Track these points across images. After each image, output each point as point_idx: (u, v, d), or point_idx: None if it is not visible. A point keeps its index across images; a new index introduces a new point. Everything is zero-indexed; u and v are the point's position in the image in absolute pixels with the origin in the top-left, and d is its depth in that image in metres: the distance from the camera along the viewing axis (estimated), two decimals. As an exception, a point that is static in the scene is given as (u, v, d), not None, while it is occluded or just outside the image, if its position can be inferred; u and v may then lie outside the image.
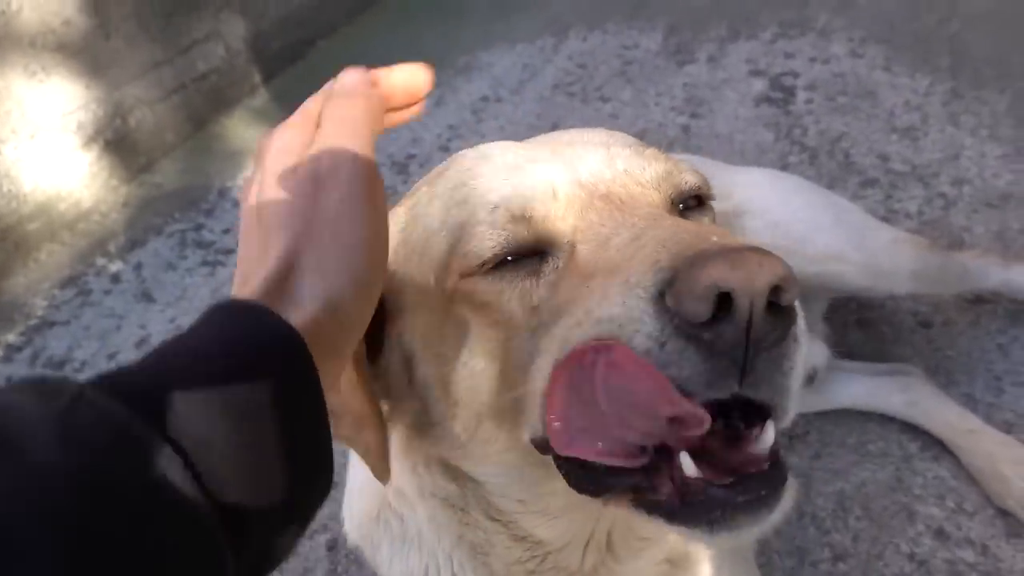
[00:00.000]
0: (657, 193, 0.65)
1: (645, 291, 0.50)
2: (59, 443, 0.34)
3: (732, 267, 0.46)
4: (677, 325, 0.48)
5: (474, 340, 0.63)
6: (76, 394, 0.37)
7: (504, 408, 0.63)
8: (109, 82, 2.45)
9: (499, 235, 0.61)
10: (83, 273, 2.26)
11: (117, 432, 0.36)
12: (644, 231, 0.55)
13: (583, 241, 0.59)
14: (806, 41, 2.61)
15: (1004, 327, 1.59)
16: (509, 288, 0.61)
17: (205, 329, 0.45)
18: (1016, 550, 1.26)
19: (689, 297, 0.47)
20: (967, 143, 2.08)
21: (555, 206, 0.62)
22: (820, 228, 1.38)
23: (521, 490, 0.72)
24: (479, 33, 3.07)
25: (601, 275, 0.55)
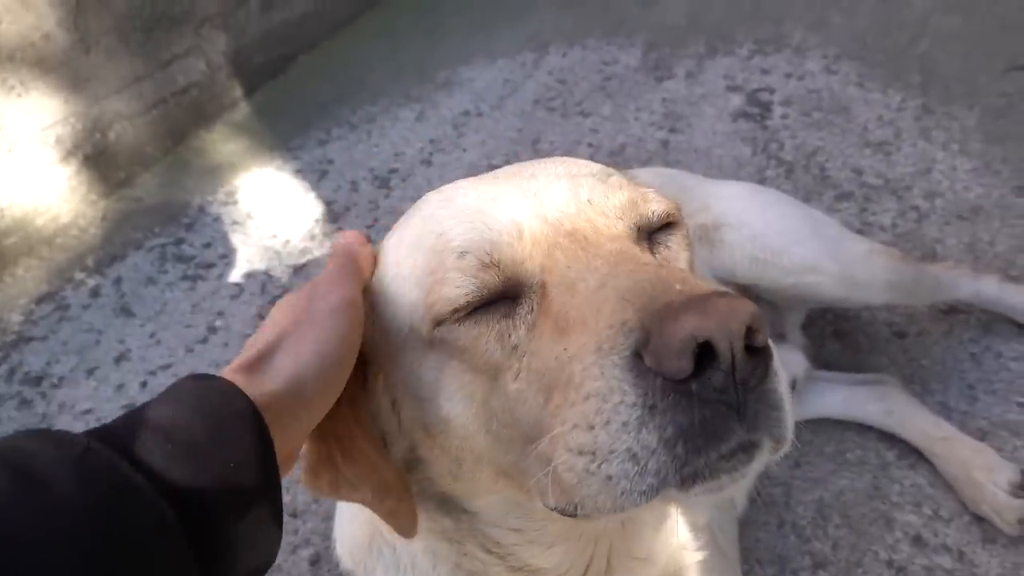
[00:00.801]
0: (622, 223, 0.65)
1: (620, 357, 0.50)
2: (77, 483, 0.43)
3: (704, 316, 0.47)
4: (662, 384, 0.48)
5: (451, 384, 0.64)
6: (86, 445, 0.46)
7: (496, 454, 0.63)
8: (88, 96, 2.44)
9: (470, 283, 0.61)
10: (61, 288, 2.24)
11: (121, 479, 0.45)
12: (607, 279, 0.56)
13: (552, 283, 0.60)
14: (782, 58, 2.66)
15: (977, 337, 1.62)
16: (486, 331, 0.61)
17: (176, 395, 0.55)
18: (991, 555, 1.29)
19: (668, 355, 0.47)
20: (938, 157, 2.13)
21: (522, 247, 0.62)
22: (797, 240, 1.40)
23: (516, 520, 0.72)
24: (460, 48, 3.09)
25: (575, 331, 0.55)
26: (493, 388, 0.61)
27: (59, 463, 0.44)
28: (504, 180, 0.70)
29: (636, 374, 0.49)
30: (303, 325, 0.63)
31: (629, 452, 0.49)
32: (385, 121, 2.76)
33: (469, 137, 2.60)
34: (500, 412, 0.61)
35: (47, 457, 0.44)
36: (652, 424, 0.48)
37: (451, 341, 0.62)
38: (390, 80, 2.96)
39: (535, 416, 0.57)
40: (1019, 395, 1.50)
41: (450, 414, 0.64)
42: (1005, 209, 1.92)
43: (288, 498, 1.58)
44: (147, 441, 0.49)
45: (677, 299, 0.49)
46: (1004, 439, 1.44)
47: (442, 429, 0.65)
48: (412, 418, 0.69)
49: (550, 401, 0.56)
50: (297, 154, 2.66)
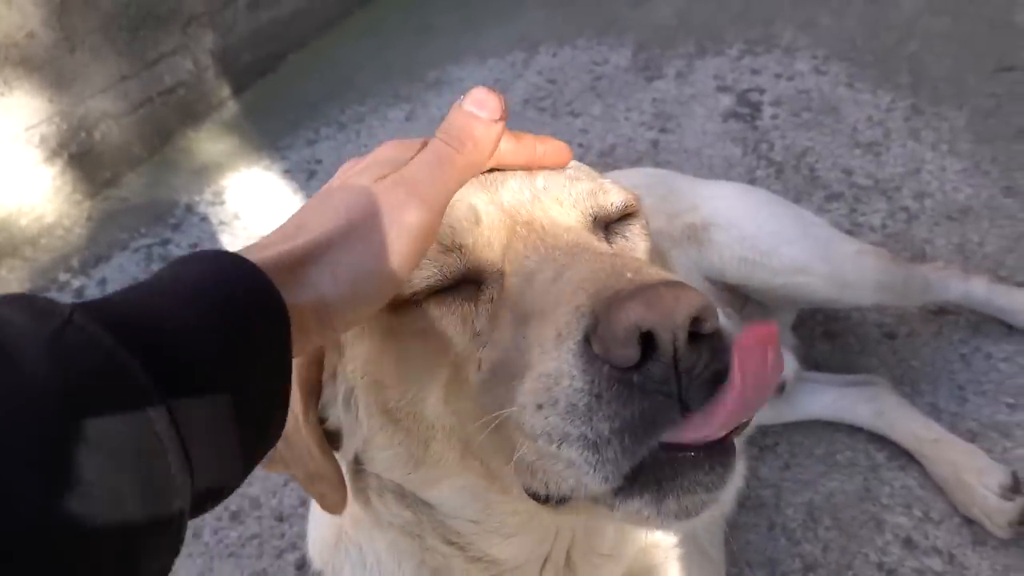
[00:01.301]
0: (576, 211, 0.65)
1: (573, 341, 0.50)
2: (50, 361, 0.36)
3: (648, 306, 0.46)
4: (608, 373, 0.48)
5: (414, 366, 0.63)
6: (67, 317, 0.38)
7: (465, 432, 0.63)
8: (74, 96, 2.42)
9: (431, 265, 0.60)
10: (45, 289, 2.21)
11: (102, 357, 0.38)
12: (564, 269, 0.55)
13: (511, 272, 0.59)
14: (771, 58, 2.66)
15: (966, 338, 1.62)
16: (448, 314, 0.61)
17: (202, 274, 0.46)
18: (981, 558, 1.28)
19: (614, 343, 0.47)
20: (928, 158, 2.13)
21: (480, 232, 0.61)
22: (787, 241, 1.40)
23: (475, 511, 0.71)
24: (449, 47, 3.08)
25: (534, 320, 0.54)
26: (457, 374, 0.61)
27: (33, 335, 0.37)
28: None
29: (586, 359, 0.49)
30: (354, 241, 0.53)
31: (586, 439, 0.49)
32: (374, 121, 2.74)
33: (459, 137, 2.59)
34: (465, 397, 0.60)
35: (22, 327, 0.37)
36: (600, 412, 0.48)
37: (412, 322, 0.62)
38: (379, 79, 2.94)
39: (496, 404, 0.56)
40: (1008, 396, 1.49)
41: (417, 396, 0.63)
42: (994, 210, 1.92)
43: (274, 502, 1.56)
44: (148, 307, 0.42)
45: (626, 287, 0.49)
46: (994, 440, 1.43)
47: (409, 411, 0.64)
48: (372, 404, 0.68)
49: (509, 387, 0.55)
50: (285, 154, 2.64)
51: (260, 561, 1.47)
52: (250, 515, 1.55)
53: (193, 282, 0.45)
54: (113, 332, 0.39)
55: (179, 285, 0.45)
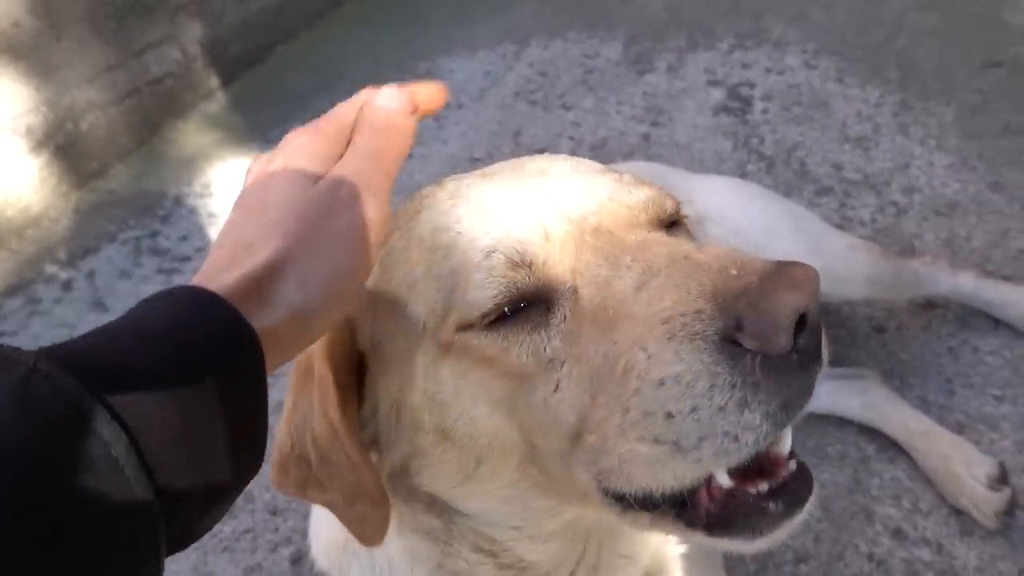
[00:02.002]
0: (644, 215, 0.65)
1: (705, 340, 0.50)
2: (16, 410, 0.37)
3: (796, 289, 0.49)
4: (761, 362, 0.49)
5: (475, 389, 0.62)
6: (32, 366, 0.39)
7: (529, 447, 0.62)
8: (60, 85, 2.39)
9: (499, 283, 0.59)
10: (32, 281, 2.19)
11: (68, 405, 0.38)
12: (648, 274, 0.55)
13: (584, 285, 0.59)
14: (762, 52, 2.67)
15: (955, 331, 1.64)
16: (516, 344, 0.59)
17: (165, 312, 0.46)
18: (969, 548, 1.30)
19: (776, 332, 0.48)
20: (916, 153, 2.15)
21: (551, 248, 0.60)
22: (778, 235, 1.41)
23: (518, 518, 0.71)
24: (440, 39, 3.07)
25: (622, 325, 0.54)
26: (524, 396, 0.60)
27: (1, 388, 0.37)
28: (512, 177, 0.67)
29: (730, 356, 0.50)
30: (314, 244, 0.52)
31: (728, 435, 0.50)
32: (364, 113, 2.73)
33: (449, 129, 2.58)
34: (537, 414, 0.60)
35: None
36: (757, 400, 0.50)
37: (475, 348, 0.60)
38: (369, 71, 2.92)
39: (578, 416, 0.57)
40: (996, 389, 1.52)
41: (476, 416, 0.62)
42: (981, 204, 1.94)
43: (268, 496, 1.56)
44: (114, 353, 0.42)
45: (753, 280, 0.50)
46: (981, 432, 1.45)
47: (467, 431, 0.63)
48: (421, 421, 0.66)
49: (596, 398, 0.56)
50: (275, 145, 2.62)
51: (254, 555, 1.47)
52: (244, 509, 1.54)
53: (158, 322, 0.45)
54: (78, 377, 0.39)
55: (143, 326, 0.45)
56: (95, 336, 0.44)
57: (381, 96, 0.60)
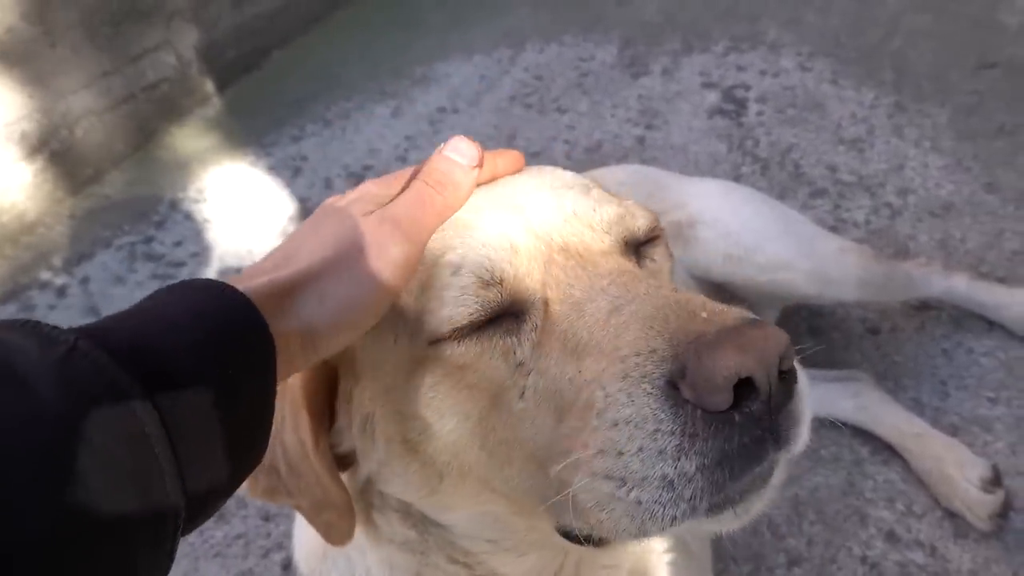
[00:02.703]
0: (609, 237, 0.65)
1: (652, 385, 0.50)
2: (58, 386, 0.39)
3: (743, 351, 0.47)
4: (701, 416, 0.49)
5: (444, 400, 0.62)
6: (72, 344, 0.41)
7: (488, 470, 0.62)
8: (54, 91, 2.39)
9: (472, 302, 0.59)
10: (27, 287, 2.19)
11: (106, 384, 0.41)
12: (620, 302, 0.55)
13: (555, 300, 0.59)
14: (757, 55, 2.67)
15: (948, 333, 1.63)
16: (489, 349, 0.60)
17: (192, 302, 0.49)
18: (963, 550, 1.30)
19: (710, 390, 0.48)
20: (911, 154, 2.14)
21: (519, 263, 0.61)
22: (770, 238, 1.40)
23: (492, 532, 0.71)
24: (436, 44, 3.07)
25: (590, 355, 0.54)
26: (494, 405, 0.60)
27: (43, 365, 0.39)
28: (483, 191, 0.67)
29: (673, 403, 0.49)
30: (340, 272, 0.55)
31: (665, 479, 0.50)
32: (360, 117, 2.73)
33: (445, 133, 2.58)
34: (500, 429, 0.60)
35: (32, 355, 0.40)
36: (692, 451, 0.49)
37: (448, 359, 0.60)
38: (365, 76, 2.93)
39: (545, 437, 0.57)
40: (989, 390, 1.51)
41: (441, 430, 0.62)
42: (976, 206, 1.94)
43: (259, 502, 1.56)
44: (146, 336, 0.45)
45: (709, 330, 0.50)
46: (975, 434, 1.45)
47: (429, 445, 0.63)
48: (391, 432, 0.66)
49: (562, 423, 0.55)
50: (270, 151, 2.63)
51: (246, 561, 1.47)
52: (236, 515, 1.54)
53: (186, 309, 0.48)
54: (113, 356, 0.42)
55: (173, 311, 0.48)
56: (128, 317, 0.47)
57: (451, 147, 0.63)
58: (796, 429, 0.52)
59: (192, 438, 0.44)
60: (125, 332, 0.45)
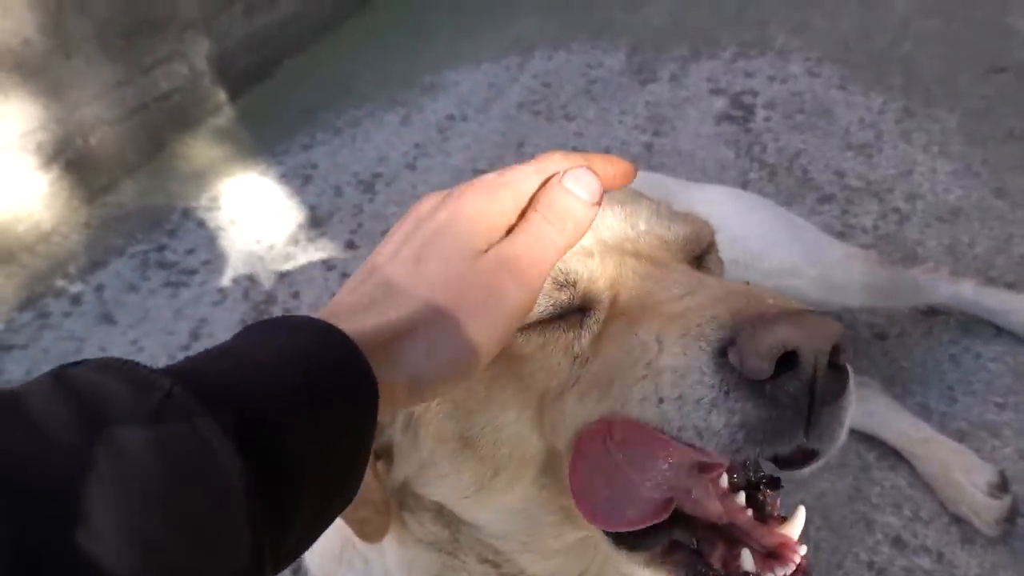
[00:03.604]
0: (681, 253, 0.66)
1: (708, 343, 0.52)
2: (149, 441, 0.37)
3: (796, 327, 0.49)
4: (738, 379, 0.50)
5: (506, 393, 0.62)
6: (167, 392, 0.39)
7: (548, 456, 0.63)
8: (69, 102, 2.42)
9: (544, 302, 0.60)
10: (42, 295, 2.23)
11: (199, 439, 0.38)
12: (694, 288, 0.57)
13: (623, 292, 0.61)
14: (765, 61, 2.67)
15: (956, 338, 1.63)
16: (552, 342, 0.61)
17: (294, 346, 0.46)
18: (970, 556, 1.29)
19: (752, 355, 0.49)
20: (919, 159, 2.14)
21: (592, 266, 0.62)
22: (776, 244, 1.41)
23: (526, 532, 0.71)
24: (445, 52, 3.09)
25: (650, 322, 0.56)
26: (551, 399, 0.61)
27: (135, 414, 0.37)
28: None
29: (717, 363, 0.51)
30: (451, 323, 0.51)
31: (696, 429, 0.51)
32: (370, 125, 2.75)
33: (454, 141, 2.60)
34: (559, 421, 0.61)
35: (125, 403, 0.37)
36: (723, 407, 0.50)
37: (511, 349, 0.61)
38: (375, 84, 2.95)
39: (590, 411, 0.58)
40: (997, 396, 1.51)
41: (503, 422, 0.63)
42: (985, 211, 1.93)
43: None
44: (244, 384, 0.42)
45: (770, 309, 0.51)
46: (983, 440, 1.45)
47: (490, 438, 0.64)
48: (445, 430, 0.66)
49: (609, 390, 0.57)
50: (281, 159, 2.65)
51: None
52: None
53: (285, 351, 0.45)
54: (209, 408, 0.39)
55: (270, 354, 0.45)
56: (223, 358, 0.44)
57: (572, 179, 0.57)
58: (838, 430, 0.53)
59: (282, 500, 0.42)
60: (220, 377, 0.42)
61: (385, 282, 0.53)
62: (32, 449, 0.35)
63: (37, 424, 0.36)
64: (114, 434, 0.36)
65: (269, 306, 2.10)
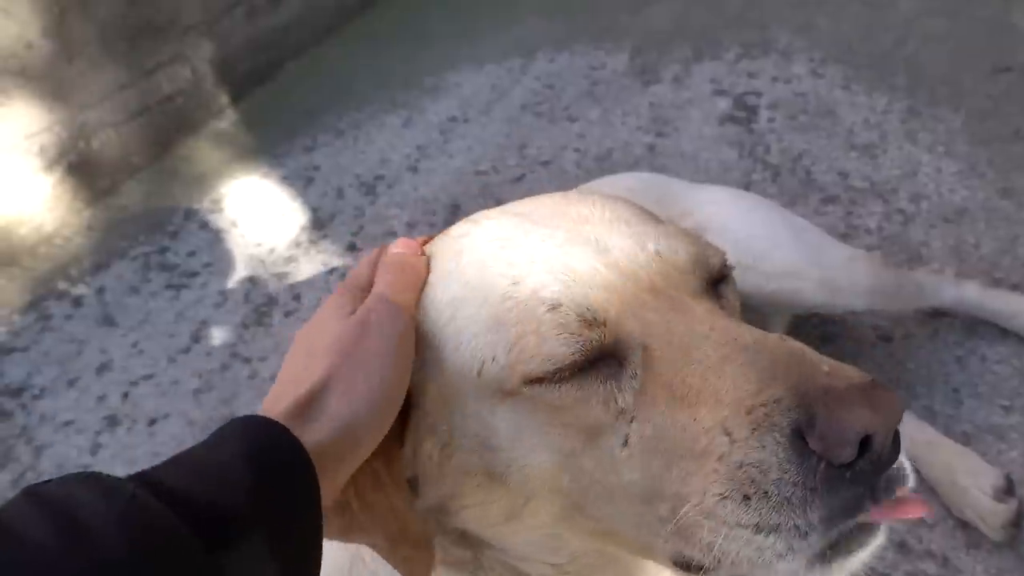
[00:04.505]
0: (694, 277, 0.64)
1: (781, 433, 0.51)
2: (122, 539, 0.42)
3: (875, 412, 0.49)
4: (824, 469, 0.51)
5: (534, 436, 0.61)
6: (131, 495, 0.44)
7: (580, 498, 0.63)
8: (72, 105, 2.43)
9: (574, 342, 0.59)
10: (44, 298, 2.23)
11: (166, 534, 0.44)
12: (730, 352, 0.56)
13: (656, 346, 0.59)
14: (768, 61, 2.66)
15: (962, 340, 1.61)
16: (589, 395, 0.59)
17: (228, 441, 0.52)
18: (975, 561, 1.28)
19: (840, 443, 0.50)
20: (924, 160, 2.12)
21: (617, 301, 0.60)
22: (778, 246, 1.40)
23: (557, 556, 0.70)
24: (447, 54, 3.09)
25: (705, 403, 0.55)
26: (588, 447, 0.60)
27: (106, 517, 0.42)
28: (557, 222, 0.66)
29: (799, 453, 0.51)
30: (354, 362, 0.59)
31: (796, 528, 0.52)
32: (371, 127, 2.75)
33: (456, 143, 2.60)
34: (597, 470, 0.60)
35: (96, 508, 0.43)
36: (816, 503, 0.51)
37: (543, 398, 0.60)
38: (377, 86, 2.95)
39: (653, 482, 0.58)
40: (1003, 398, 1.49)
41: (532, 463, 0.62)
42: (990, 211, 1.92)
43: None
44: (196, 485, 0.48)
45: (839, 385, 0.51)
46: (989, 443, 1.43)
47: (518, 476, 0.63)
48: (469, 463, 0.65)
49: (672, 468, 0.56)
50: (283, 161, 2.65)
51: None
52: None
53: (232, 455, 0.51)
54: (171, 507, 0.45)
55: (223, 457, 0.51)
56: (180, 465, 0.50)
57: (394, 246, 0.71)
58: (896, 487, 0.54)
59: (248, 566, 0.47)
60: (181, 481, 0.48)
61: (291, 376, 0.62)
62: (13, 559, 0.39)
63: (14, 533, 0.41)
64: (89, 531, 0.41)
65: (270, 308, 2.09)
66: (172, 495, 0.46)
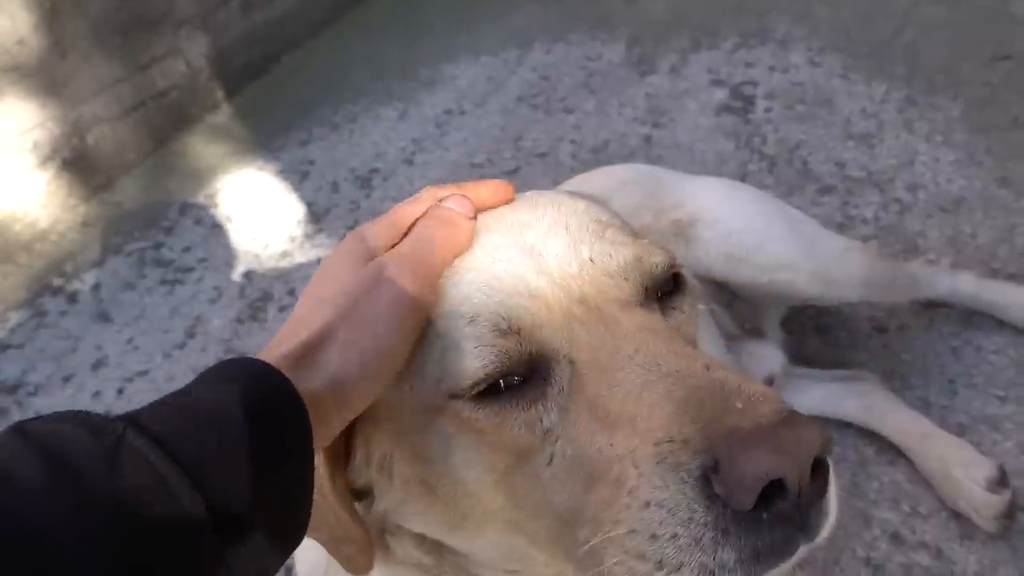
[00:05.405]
0: (628, 283, 0.63)
1: (688, 474, 0.51)
2: (109, 475, 0.42)
3: (778, 455, 0.48)
4: (732, 514, 0.50)
5: (466, 453, 0.61)
6: (120, 434, 0.44)
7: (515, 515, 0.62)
8: (66, 100, 2.42)
9: (488, 352, 0.58)
10: (39, 294, 2.22)
11: (152, 470, 0.43)
12: (653, 379, 0.55)
13: (583, 363, 0.58)
14: (766, 51, 2.64)
15: (957, 331, 1.61)
16: (511, 421, 0.58)
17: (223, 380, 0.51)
18: (969, 552, 1.27)
19: (741, 490, 0.49)
20: (921, 149, 2.11)
21: (536, 309, 0.59)
22: (772, 237, 1.39)
23: (513, 562, 0.70)
24: (443, 46, 3.07)
25: (622, 428, 0.54)
26: (518, 466, 0.59)
27: (93, 455, 0.42)
28: (493, 226, 0.65)
29: (706, 496, 0.50)
30: (354, 321, 0.57)
31: (704, 567, 0.51)
32: (367, 120, 2.74)
33: (451, 136, 2.59)
34: (526, 487, 0.59)
35: (84, 446, 0.43)
36: (729, 545, 0.50)
37: (468, 419, 0.59)
38: (372, 79, 2.94)
39: (574, 503, 0.57)
40: (998, 389, 1.48)
41: (465, 478, 0.62)
42: (988, 200, 1.90)
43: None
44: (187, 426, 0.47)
45: (745, 425, 0.50)
46: (983, 434, 1.42)
47: (451, 490, 0.63)
48: (409, 474, 0.66)
49: (591, 492, 0.55)
50: (279, 155, 2.64)
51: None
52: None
53: (222, 397, 0.50)
54: (159, 446, 0.44)
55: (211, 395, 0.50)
56: (169, 405, 0.49)
57: (449, 200, 0.65)
58: (824, 520, 0.54)
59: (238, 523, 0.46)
60: (166, 421, 0.47)
61: (298, 318, 0.60)
62: (1, 495, 0.39)
63: (2, 469, 0.40)
64: (79, 469, 0.41)
65: (265, 303, 2.09)
66: (160, 434, 0.45)
